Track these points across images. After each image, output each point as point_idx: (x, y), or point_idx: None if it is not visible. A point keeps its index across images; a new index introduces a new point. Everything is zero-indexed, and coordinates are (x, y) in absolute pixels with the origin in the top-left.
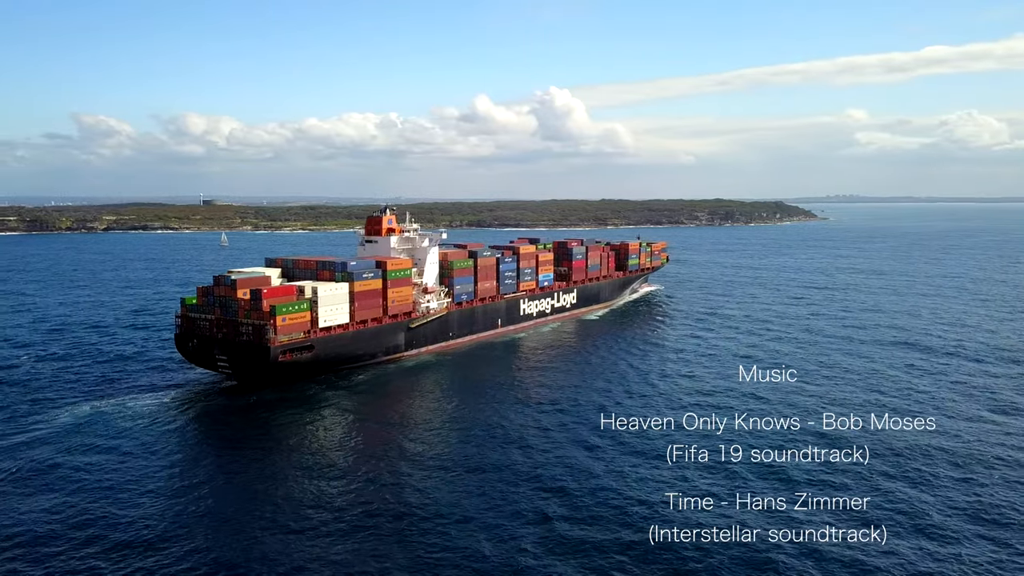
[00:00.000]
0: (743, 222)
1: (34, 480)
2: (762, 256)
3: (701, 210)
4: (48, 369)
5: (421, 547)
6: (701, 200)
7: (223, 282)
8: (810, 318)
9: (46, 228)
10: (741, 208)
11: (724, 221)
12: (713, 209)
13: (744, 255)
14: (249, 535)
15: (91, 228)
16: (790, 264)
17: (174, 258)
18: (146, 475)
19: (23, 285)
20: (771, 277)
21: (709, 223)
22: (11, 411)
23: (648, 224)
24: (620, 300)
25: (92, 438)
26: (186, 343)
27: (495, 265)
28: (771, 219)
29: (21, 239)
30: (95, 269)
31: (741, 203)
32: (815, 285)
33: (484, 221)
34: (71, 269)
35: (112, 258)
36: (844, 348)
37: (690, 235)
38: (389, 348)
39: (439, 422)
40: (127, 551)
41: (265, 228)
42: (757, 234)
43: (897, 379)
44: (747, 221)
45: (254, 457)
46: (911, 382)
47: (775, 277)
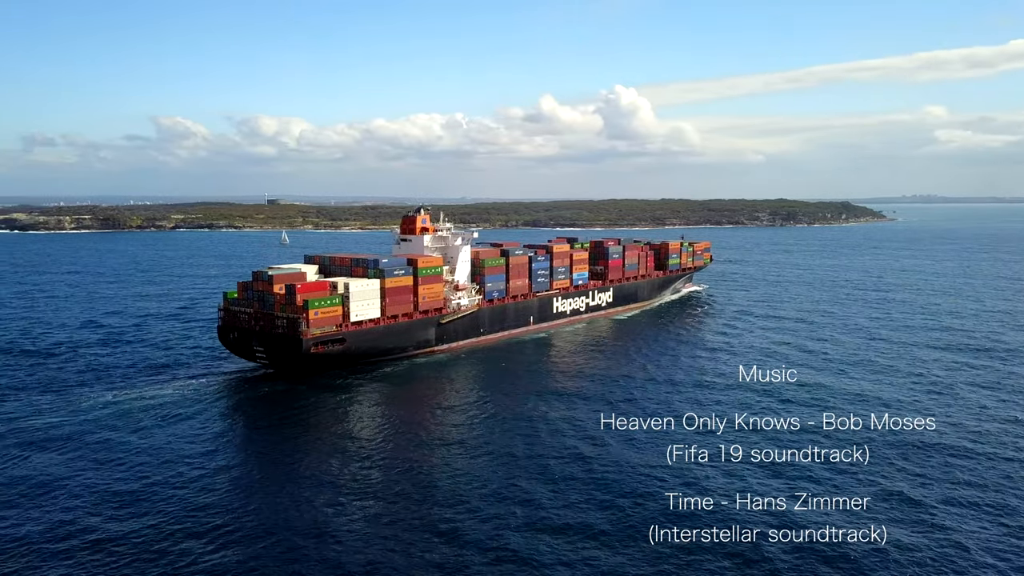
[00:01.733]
0: (806, 223)
1: (90, 454)
2: (814, 257)
3: (762, 210)
4: (109, 354)
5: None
6: (763, 200)
7: (261, 277)
8: (845, 319)
9: (118, 226)
10: (804, 208)
11: (786, 221)
12: (775, 209)
13: (798, 256)
14: (282, 499)
15: (160, 226)
16: (840, 265)
17: (238, 254)
18: (185, 451)
19: (94, 279)
20: (818, 278)
21: (770, 223)
22: (71, 391)
23: (707, 224)
24: (660, 299)
25: (137, 417)
26: (227, 334)
27: (527, 264)
28: (836, 220)
29: (95, 236)
30: (162, 264)
31: (805, 203)
32: (861, 287)
33: (540, 221)
34: (139, 264)
35: (180, 254)
36: (873, 347)
37: (747, 235)
38: (420, 342)
39: (463, 410)
40: (176, 516)
41: (325, 227)
42: (817, 235)
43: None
44: (810, 222)
45: (284, 436)
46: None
47: (822, 278)
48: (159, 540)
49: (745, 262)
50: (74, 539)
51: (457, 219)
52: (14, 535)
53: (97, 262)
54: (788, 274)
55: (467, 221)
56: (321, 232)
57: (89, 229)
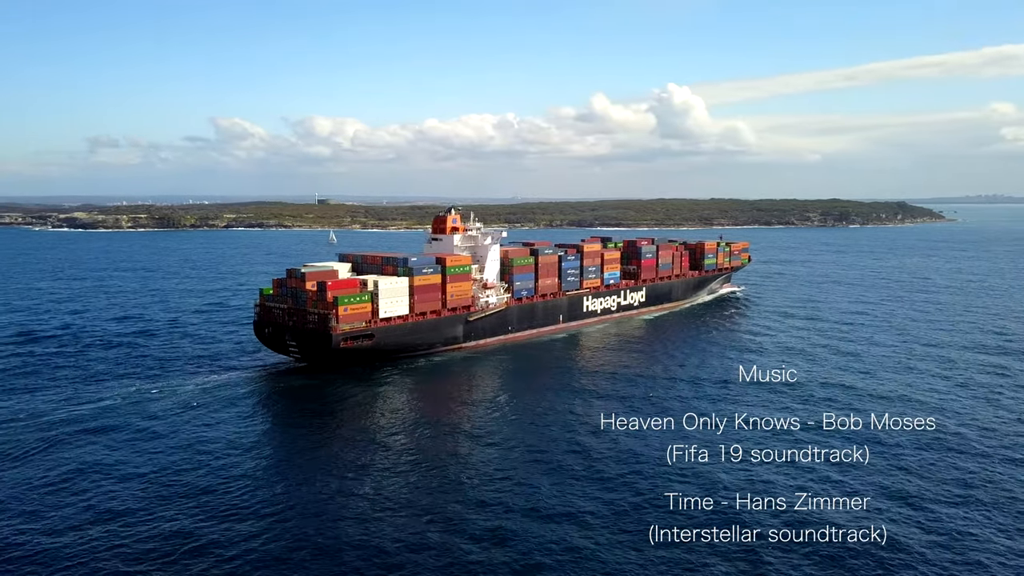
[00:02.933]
0: (859, 223)
1: (135, 440)
2: (861, 258)
3: (813, 210)
4: (153, 346)
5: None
6: (815, 200)
7: (294, 275)
8: (881, 321)
9: (172, 225)
10: (858, 209)
11: (838, 222)
12: (827, 209)
13: (843, 256)
14: (313, 482)
15: (212, 225)
16: (887, 267)
17: (285, 252)
18: (219, 438)
19: (144, 274)
20: (861, 279)
21: (822, 224)
22: (119, 381)
23: (755, 224)
24: (695, 300)
25: (175, 407)
26: (263, 329)
27: (557, 263)
28: (891, 220)
29: (150, 235)
30: (211, 262)
31: (859, 203)
32: (907, 287)
33: (585, 221)
34: (189, 262)
35: (230, 252)
36: (901, 351)
37: (795, 236)
38: (448, 339)
39: (483, 404)
40: (211, 496)
41: (373, 227)
42: (870, 236)
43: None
44: (864, 222)
45: (312, 424)
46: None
47: (865, 279)
48: (210, 516)
49: (789, 262)
50: (123, 518)
51: (502, 219)
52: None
53: (149, 259)
54: (830, 275)
55: (511, 221)
56: (368, 232)
57: (145, 228)
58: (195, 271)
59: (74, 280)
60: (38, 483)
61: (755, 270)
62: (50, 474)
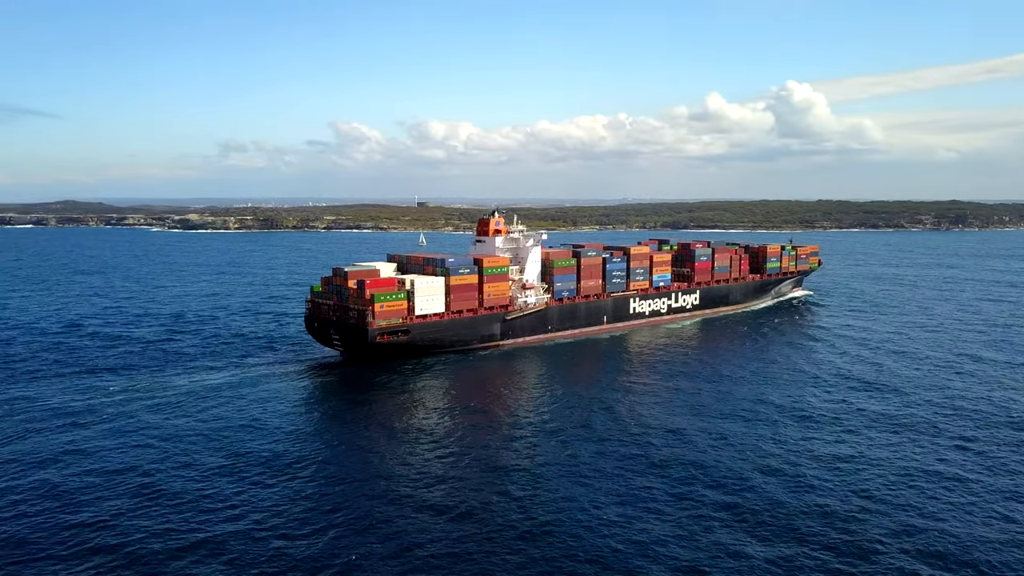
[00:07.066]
0: (977, 226)
1: (199, 424)
2: (961, 260)
3: (925, 213)
4: (226, 334)
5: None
6: (929, 202)
7: (339, 273)
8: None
9: (274, 226)
10: (977, 211)
11: (953, 225)
12: (941, 211)
13: (939, 259)
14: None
15: (312, 227)
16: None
17: (368, 253)
18: (271, 421)
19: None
20: (944, 287)
21: (934, 227)
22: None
23: (861, 227)
24: (757, 303)
25: (228, 393)
26: (312, 324)
27: (601, 265)
28: (1014, 223)
29: (253, 235)
30: (300, 262)
31: (979, 205)
32: (989, 297)
33: (680, 223)
34: (278, 260)
35: (324, 251)
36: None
37: (898, 240)
38: (484, 336)
39: (513, 397)
40: (265, 470)
41: (464, 229)
42: (984, 239)
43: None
44: (982, 225)
45: (349, 412)
46: None
47: (945, 286)
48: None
49: (865, 265)
50: (199, 484)
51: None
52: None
53: (243, 260)
54: (912, 280)
55: (603, 223)
56: (458, 234)
57: (250, 229)
58: (271, 272)
59: (167, 276)
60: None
61: (834, 274)
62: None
